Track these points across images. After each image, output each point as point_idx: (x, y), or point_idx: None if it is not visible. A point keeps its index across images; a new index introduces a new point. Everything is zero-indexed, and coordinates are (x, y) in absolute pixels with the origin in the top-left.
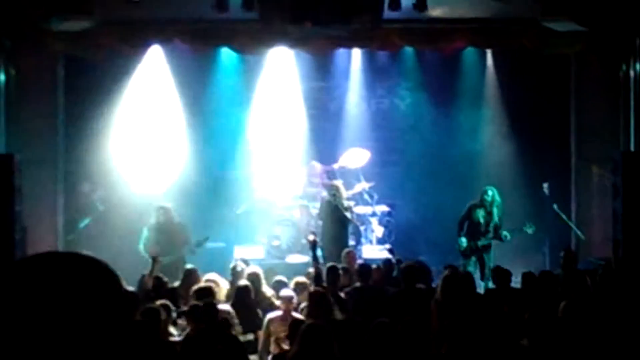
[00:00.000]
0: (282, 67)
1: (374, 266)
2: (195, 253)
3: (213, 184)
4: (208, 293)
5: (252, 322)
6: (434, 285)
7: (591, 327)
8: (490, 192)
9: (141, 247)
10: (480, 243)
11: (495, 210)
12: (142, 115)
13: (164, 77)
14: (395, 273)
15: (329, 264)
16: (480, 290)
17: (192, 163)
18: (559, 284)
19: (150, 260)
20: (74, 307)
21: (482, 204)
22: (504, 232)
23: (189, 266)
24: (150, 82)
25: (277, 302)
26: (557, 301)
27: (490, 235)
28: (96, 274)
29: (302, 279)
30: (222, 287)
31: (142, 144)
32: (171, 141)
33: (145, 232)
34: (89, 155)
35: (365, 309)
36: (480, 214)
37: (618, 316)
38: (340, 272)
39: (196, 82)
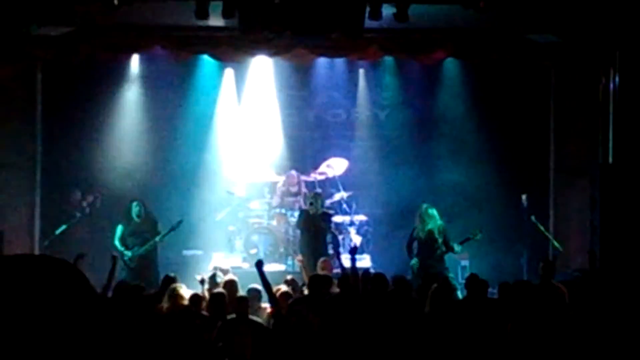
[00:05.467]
0: (262, 75)
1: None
2: (164, 240)
3: (191, 191)
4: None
5: None
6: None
7: (568, 336)
8: (431, 212)
9: (116, 242)
10: (438, 253)
11: (438, 227)
12: (120, 121)
13: (143, 83)
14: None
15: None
16: None
17: (169, 169)
18: (535, 294)
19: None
20: (37, 305)
21: (422, 221)
22: (455, 246)
23: (170, 274)
24: (130, 89)
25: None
26: (533, 311)
27: (440, 249)
28: (62, 275)
29: (284, 288)
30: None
31: (120, 150)
32: (149, 147)
33: (119, 228)
34: (67, 160)
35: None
36: (425, 232)
37: (594, 325)
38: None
39: (176, 89)
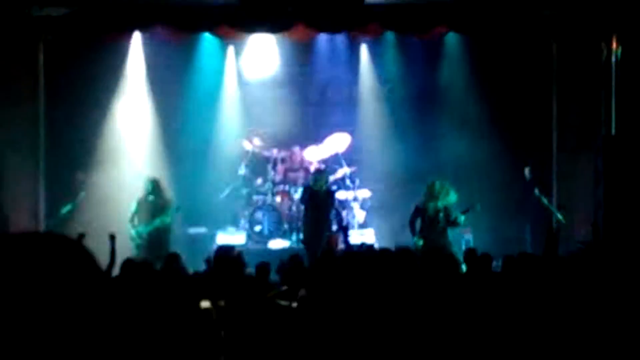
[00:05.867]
0: (263, 52)
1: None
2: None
3: (195, 169)
4: None
5: None
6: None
7: (571, 307)
8: (438, 185)
9: (129, 219)
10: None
11: (443, 201)
12: (123, 100)
13: (145, 63)
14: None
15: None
16: None
17: (172, 148)
18: (538, 266)
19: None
20: (44, 284)
21: (430, 197)
22: (459, 217)
23: (171, 252)
24: (132, 68)
25: None
26: (537, 283)
27: (442, 224)
28: (69, 252)
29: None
30: None
31: (123, 129)
32: (153, 127)
33: (134, 205)
34: (70, 141)
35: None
36: (430, 207)
37: (597, 297)
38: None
39: (178, 68)
